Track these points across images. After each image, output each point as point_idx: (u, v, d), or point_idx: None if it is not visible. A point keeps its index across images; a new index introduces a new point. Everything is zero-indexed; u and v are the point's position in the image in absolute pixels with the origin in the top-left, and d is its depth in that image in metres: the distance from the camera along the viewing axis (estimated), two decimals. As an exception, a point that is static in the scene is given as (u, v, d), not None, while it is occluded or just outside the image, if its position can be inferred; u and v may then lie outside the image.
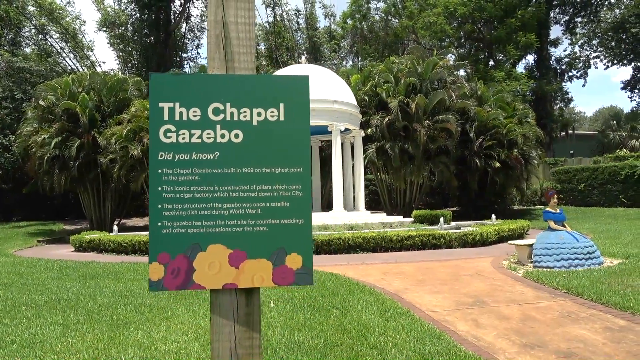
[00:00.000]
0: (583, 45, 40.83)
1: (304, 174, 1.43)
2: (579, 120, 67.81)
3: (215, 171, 1.39)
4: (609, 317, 5.25)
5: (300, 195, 1.43)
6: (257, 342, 1.38)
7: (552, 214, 8.89)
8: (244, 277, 1.38)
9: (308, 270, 1.42)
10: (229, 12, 1.41)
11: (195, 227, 1.38)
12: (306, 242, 1.42)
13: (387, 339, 4.38)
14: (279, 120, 1.43)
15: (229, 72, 1.42)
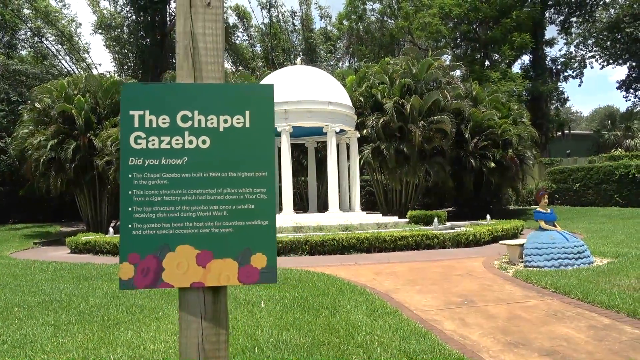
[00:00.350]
0: (578, 45, 41.00)
1: (268, 177, 1.50)
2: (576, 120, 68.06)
3: (183, 175, 1.46)
4: (594, 316, 5.33)
5: (265, 198, 1.50)
6: (223, 337, 1.44)
7: (543, 214, 8.97)
8: (210, 276, 1.45)
9: (272, 270, 1.49)
10: (197, 24, 1.48)
11: (165, 228, 1.45)
12: (270, 242, 1.49)
13: (374, 338, 4.45)
14: (244, 126, 1.50)
15: (197, 81, 1.49)
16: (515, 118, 22.82)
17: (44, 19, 28.50)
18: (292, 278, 7.49)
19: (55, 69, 29.39)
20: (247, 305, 5.74)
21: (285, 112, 16.63)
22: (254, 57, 37.24)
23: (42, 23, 28.99)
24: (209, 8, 1.49)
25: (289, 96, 16.73)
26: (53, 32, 29.55)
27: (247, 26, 38.00)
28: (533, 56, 37.35)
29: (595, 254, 9.39)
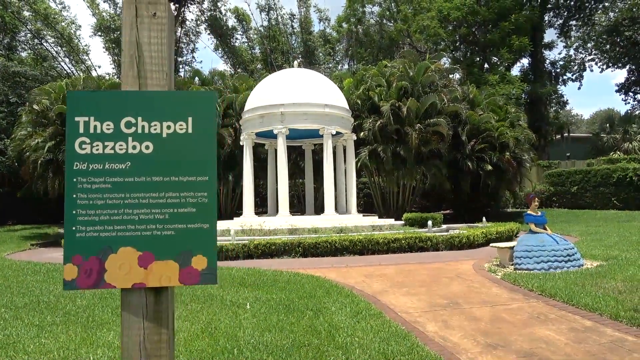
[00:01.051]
0: (578, 49, 41.06)
1: (209, 182, 1.55)
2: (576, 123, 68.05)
3: (126, 180, 1.51)
4: (577, 319, 5.36)
5: (206, 201, 1.55)
6: (165, 337, 1.49)
7: (533, 217, 9.01)
8: (152, 277, 1.50)
9: (212, 271, 1.54)
10: (142, 34, 1.53)
11: (107, 231, 1.50)
12: (211, 244, 1.54)
13: (354, 340, 4.49)
14: (187, 132, 1.55)
15: (142, 88, 1.54)
16: (513, 121, 22.87)
17: (43, 21, 28.65)
18: (281, 280, 7.53)
19: (54, 70, 29.52)
20: (233, 306, 5.78)
21: (281, 114, 16.70)
22: (253, 60, 37.34)
23: (42, 25, 29.14)
24: (155, 18, 1.54)
25: (285, 98, 16.79)
26: (53, 34, 29.70)
27: (247, 29, 38.14)
28: (532, 59, 37.41)
29: (586, 257, 9.42)
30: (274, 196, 19.03)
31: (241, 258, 11.22)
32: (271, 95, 17.19)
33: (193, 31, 36.63)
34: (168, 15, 1.57)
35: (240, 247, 11.30)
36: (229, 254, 11.18)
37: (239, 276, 7.96)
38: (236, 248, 11.27)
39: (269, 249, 11.33)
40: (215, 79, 25.17)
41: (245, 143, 18.01)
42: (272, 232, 14.15)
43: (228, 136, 20.94)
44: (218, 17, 36.73)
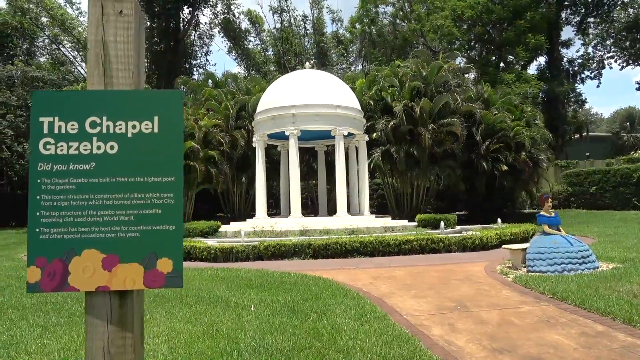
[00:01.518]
0: (596, 46, 40.26)
1: (176, 182, 1.51)
2: (596, 122, 66.74)
3: (91, 180, 1.48)
4: (588, 323, 5.20)
5: (172, 203, 1.51)
6: (129, 341, 1.45)
7: (547, 218, 8.81)
8: (116, 280, 1.46)
9: (178, 274, 1.50)
10: (108, 32, 1.50)
11: (71, 233, 1.46)
12: (177, 247, 1.50)
13: (356, 343, 4.42)
14: (153, 132, 1.51)
15: (108, 87, 1.51)
16: (529, 120, 22.50)
17: (60, 26, 29.15)
18: (288, 282, 7.49)
19: (71, 75, 30.02)
20: (237, 308, 5.76)
21: (293, 116, 16.70)
22: (266, 62, 37.45)
23: (59, 31, 29.66)
24: (121, 16, 1.51)
25: (296, 100, 16.79)
26: (70, 39, 30.21)
27: (259, 31, 38.30)
28: (549, 57, 36.80)
29: (602, 259, 9.18)
30: (286, 197, 19.03)
31: (251, 259, 11.21)
32: (283, 96, 17.21)
33: (207, 34, 36.94)
34: (135, 13, 1.53)
35: (251, 249, 11.30)
36: (239, 256, 11.19)
37: (246, 278, 7.94)
38: (246, 249, 11.27)
39: (279, 250, 11.30)
40: (228, 82, 25.32)
41: (257, 145, 18.05)
42: (283, 233, 14.14)
43: (241, 138, 21.04)
44: (231, 20, 36.95)
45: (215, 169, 19.44)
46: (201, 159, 18.88)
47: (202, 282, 7.61)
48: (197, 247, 11.47)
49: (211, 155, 19.32)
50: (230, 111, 21.78)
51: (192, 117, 20.00)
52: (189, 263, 10.96)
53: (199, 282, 7.53)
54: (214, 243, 12.08)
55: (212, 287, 7.13)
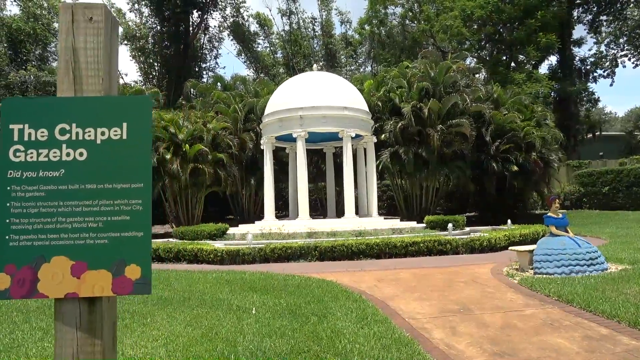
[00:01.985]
0: (609, 44, 39.70)
1: (144, 189, 1.51)
2: (610, 121, 65.75)
3: (60, 187, 1.49)
4: (593, 326, 5.12)
5: (141, 209, 1.51)
6: (99, 348, 1.46)
7: (554, 219, 8.69)
8: (85, 287, 1.46)
9: (146, 281, 1.50)
10: (78, 39, 1.51)
11: (41, 240, 1.47)
12: (145, 253, 1.50)
13: (355, 347, 4.39)
14: (121, 138, 1.51)
15: (78, 94, 1.52)
16: (539, 120, 22.27)
17: (72, 32, 29.50)
18: (291, 284, 7.49)
19: (83, 79, 30.35)
20: (238, 311, 5.76)
21: (300, 118, 16.71)
22: (275, 64, 37.58)
23: (71, 36, 30.01)
24: (91, 23, 1.52)
25: (304, 102, 16.81)
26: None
27: (268, 33, 38.44)
28: (560, 56, 36.39)
29: (612, 260, 9.03)
30: (294, 199, 19.03)
31: (258, 262, 11.23)
32: (290, 99, 17.23)
33: (216, 38, 37.20)
34: (105, 20, 1.54)
35: (257, 251, 11.32)
36: (246, 258, 11.21)
37: (250, 280, 7.96)
38: (252, 252, 11.29)
39: (285, 252, 11.30)
40: (236, 84, 25.44)
41: (265, 147, 18.10)
42: (291, 235, 14.14)
43: (249, 140, 21.11)
44: (240, 23, 37.16)
45: (224, 172, 19.53)
46: (210, 161, 18.97)
47: (206, 285, 7.64)
48: (204, 250, 11.52)
49: (220, 158, 19.41)
50: (239, 114, 21.88)
51: (200, 120, 20.13)
52: (196, 266, 11.01)
53: (203, 285, 7.56)
54: (220, 246, 12.12)
55: (215, 290, 7.15)
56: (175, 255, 11.94)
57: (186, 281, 8.00)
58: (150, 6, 32.50)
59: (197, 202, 20.23)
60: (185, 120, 19.87)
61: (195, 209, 20.18)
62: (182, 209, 19.83)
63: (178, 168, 18.05)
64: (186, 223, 19.32)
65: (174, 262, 11.87)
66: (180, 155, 18.51)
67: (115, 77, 1.60)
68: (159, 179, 18.73)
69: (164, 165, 18.18)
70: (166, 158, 18.07)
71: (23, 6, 28.92)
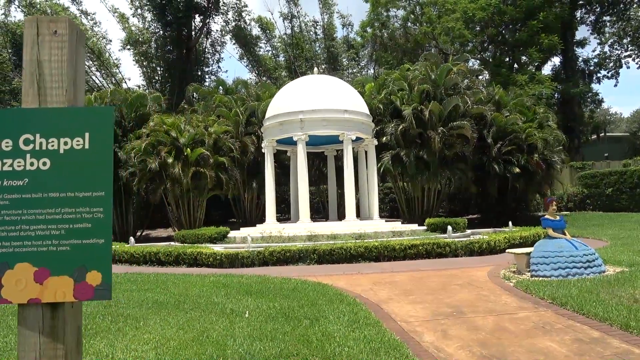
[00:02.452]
0: (613, 45, 39.55)
1: (105, 197, 1.55)
2: (615, 122, 65.42)
3: (24, 196, 1.53)
4: (585, 329, 5.11)
5: (102, 217, 1.55)
6: (61, 352, 1.50)
7: (551, 222, 8.67)
8: (47, 293, 1.51)
9: (107, 287, 1.54)
10: (43, 52, 1.56)
11: (4, 247, 1.52)
12: (105, 260, 1.55)
13: (344, 350, 4.42)
14: (84, 148, 1.56)
15: (42, 105, 1.56)
16: (541, 122, 22.21)
17: (75, 37, 29.75)
18: (287, 288, 7.52)
19: (87, 84, 30.65)
20: (231, 314, 5.80)
21: (301, 121, 16.77)
22: (277, 67, 37.70)
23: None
24: (56, 36, 1.56)
25: (304, 105, 16.87)
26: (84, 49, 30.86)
27: (270, 37, 38.59)
28: (563, 58, 36.30)
29: (610, 263, 9.00)
30: (296, 202, 19.06)
31: (257, 265, 11.27)
32: (290, 102, 17.30)
33: (218, 42, 37.38)
34: (70, 33, 1.58)
35: (256, 255, 11.36)
36: (245, 261, 11.25)
37: (246, 284, 7.99)
38: (251, 255, 11.34)
39: (284, 255, 11.34)
40: (238, 88, 25.55)
41: (266, 150, 18.17)
42: (291, 238, 14.17)
43: (251, 144, 21.19)
44: (242, 27, 37.32)
45: (225, 175, 19.61)
46: (211, 165, 19.06)
47: (202, 288, 7.68)
48: (203, 254, 11.58)
49: (221, 162, 19.49)
50: (240, 117, 21.97)
51: (202, 124, 20.23)
52: (195, 269, 11.06)
53: (200, 289, 7.61)
54: (220, 249, 12.17)
55: (211, 293, 7.19)
56: (175, 259, 12.01)
57: (183, 285, 8.05)
58: (152, 11, 32.72)
59: (199, 206, 20.32)
60: (187, 124, 19.98)
61: (197, 212, 20.27)
62: (184, 212, 19.92)
63: (180, 172, 18.14)
64: (188, 226, 19.40)
65: (173, 265, 11.94)
66: (182, 159, 18.60)
67: (80, 88, 1.65)
68: (161, 182, 18.84)
69: (166, 169, 18.28)
70: (168, 162, 18.16)
71: (27, 12, 29.20)
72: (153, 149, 18.75)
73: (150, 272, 10.31)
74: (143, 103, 21.74)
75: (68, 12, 30.77)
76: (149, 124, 19.60)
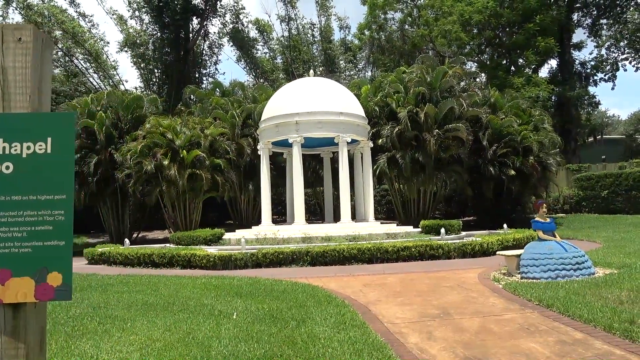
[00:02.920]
0: (610, 48, 39.66)
1: (66, 200, 1.60)
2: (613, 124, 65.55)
3: None
4: (569, 330, 5.16)
5: (63, 219, 1.60)
6: (22, 352, 1.54)
7: (541, 224, 8.72)
8: (9, 294, 1.55)
9: (67, 287, 1.58)
10: (7, 59, 1.60)
11: None
12: (66, 261, 1.59)
13: (327, 351, 4.46)
14: (46, 152, 1.60)
15: (6, 110, 1.61)
16: (537, 124, 22.26)
17: (72, 39, 29.90)
18: (277, 290, 7.55)
19: (84, 86, 30.72)
20: (219, 316, 5.83)
21: (296, 123, 16.82)
22: (274, 70, 37.79)
23: (72, 43, 30.42)
24: (20, 43, 1.61)
25: (300, 107, 16.92)
26: (82, 51, 30.97)
27: (267, 39, 38.69)
28: (560, 60, 36.39)
29: (600, 265, 9.05)
30: (291, 204, 19.11)
31: (250, 267, 11.31)
32: (286, 104, 17.36)
33: (216, 44, 37.47)
34: (34, 40, 1.63)
35: (249, 256, 11.40)
36: (238, 263, 11.29)
37: (237, 286, 8.03)
38: (245, 257, 11.37)
39: (277, 257, 11.37)
40: (235, 90, 25.61)
41: (262, 153, 18.23)
42: (285, 240, 14.21)
43: (247, 146, 21.24)
44: (240, 29, 37.42)
45: (221, 177, 19.64)
46: (207, 167, 19.09)
47: (193, 290, 7.71)
48: (197, 255, 11.61)
49: (217, 164, 19.52)
50: (237, 119, 22.02)
51: (198, 126, 20.27)
52: (188, 271, 11.10)
53: (190, 291, 7.64)
54: (213, 251, 12.21)
55: (201, 295, 7.23)
56: (169, 261, 12.04)
57: (174, 286, 8.08)
58: (150, 13, 32.79)
59: (195, 208, 20.34)
60: (183, 126, 20.01)
61: (193, 214, 20.29)
62: (180, 214, 19.95)
63: (175, 174, 18.17)
64: (184, 228, 19.42)
65: (167, 267, 11.97)
66: (178, 161, 18.63)
67: (45, 94, 1.69)
68: (156, 184, 18.87)
69: (162, 171, 18.31)
70: (164, 164, 18.19)
71: (24, 14, 29.27)
72: (149, 151, 18.78)
73: (143, 274, 10.34)
74: (140, 105, 21.79)
75: (65, 14, 30.82)
76: (145, 126, 19.63)
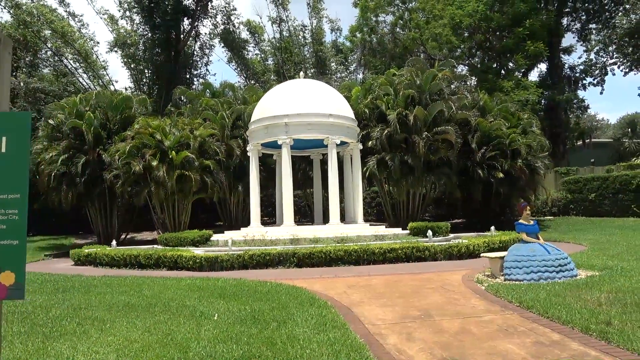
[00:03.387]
0: (599, 52, 40.09)
1: (21, 199, 1.59)
2: (602, 128, 66.20)
3: None
4: (546, 332, 5.21)
5: (17, 219, 1.59)
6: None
7: (524, 226, 8.79)
8: (-39, 292, 1.55)
9: (20, 287, 1.58)
10: None
11: None
12: (19, 261, 1.59)
13: (305, 352, 4.46)
14: (0, 152, 1.60)
15: (-35, 112, 1.61)
16: (525, 127, 22.42)
17: (61, 38, 29.70)
18: (261, 291, 7.54)
19: (73, 86, 30.51)
20: (201, 317, 5.82)
21: (285, 125, 16.81)
22: (266, 71, 37.78)
23: (61, 43, 30.23)
24: (-16, 52, 1.62)
25: (289, 109, 16.91)
26: (71, 51, 30.77)
27: (259, 41, 38.66)
28: (549, 64, 36.72)
29: (584, 267, 9.14)
30: (281, 206, 19.08)
31: (236, 268, 11.28)
32: (276, 106, 17.35)
33: (207, 45, 37.37)
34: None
35: (236, 258, 11.37)
36: (224, 265, 11.26)
37: (221, 287, 8.01)
38: (231, 258, 11.34)
39: (263, 259, 11.36)
40: (225, 91, 25.55)
41: (251, 154, 18.19)
42: (273, 242, 14.19)
43: (237, 147, 21.19)
44: (231, 30, 37.34)
45: (210, 178, 19.58)
46: (196, 168, 19.03)
47: (177, 291, 7.69)
48: (183, 257, 11.57)
49: (206, 165, 19.46)
50: (227, 121, 21.96)
51: (188, 127, 20.19)
52: (174, 272, 11.05)
53: (173, 292, 7.61)
54: (200, 252, 12.17)
55: (184, 296, 7.20)
56: (156, 262, 11.99)
57: (158, 287, 8.05)
58: (141, 13, 32.65)
59: (184, 209, 20.26)
60: (172, 126, 19.93)
61: (182, 215, 20.21)
62: (169, 215, 19.86)
63: (164, 175, 18.09)
64: (173, 229, 19.33)
65: (154, 268, 11.91)
66: (167, 162, 18.55)
67: (3, 94, 1.69)
68: (145, 185, 18.76)
69: (150, 172, 18.23)
70: (152, 165, 18.11)
71: (13, 13, 29.03)
72: (137, 152, 18.68)
73: (128, 275, 10.28)
74: (129, 105, 21.68)
75: (55, 14, 30.60)
76: (134, 127, 19.54)
